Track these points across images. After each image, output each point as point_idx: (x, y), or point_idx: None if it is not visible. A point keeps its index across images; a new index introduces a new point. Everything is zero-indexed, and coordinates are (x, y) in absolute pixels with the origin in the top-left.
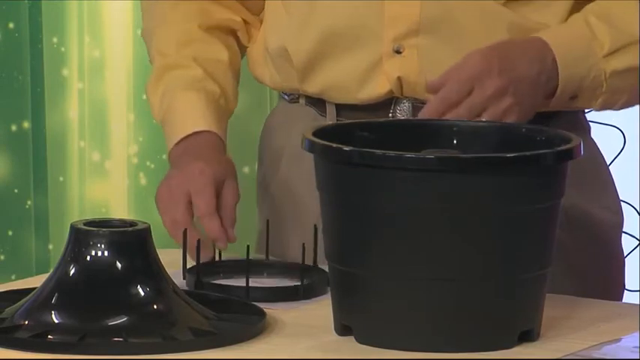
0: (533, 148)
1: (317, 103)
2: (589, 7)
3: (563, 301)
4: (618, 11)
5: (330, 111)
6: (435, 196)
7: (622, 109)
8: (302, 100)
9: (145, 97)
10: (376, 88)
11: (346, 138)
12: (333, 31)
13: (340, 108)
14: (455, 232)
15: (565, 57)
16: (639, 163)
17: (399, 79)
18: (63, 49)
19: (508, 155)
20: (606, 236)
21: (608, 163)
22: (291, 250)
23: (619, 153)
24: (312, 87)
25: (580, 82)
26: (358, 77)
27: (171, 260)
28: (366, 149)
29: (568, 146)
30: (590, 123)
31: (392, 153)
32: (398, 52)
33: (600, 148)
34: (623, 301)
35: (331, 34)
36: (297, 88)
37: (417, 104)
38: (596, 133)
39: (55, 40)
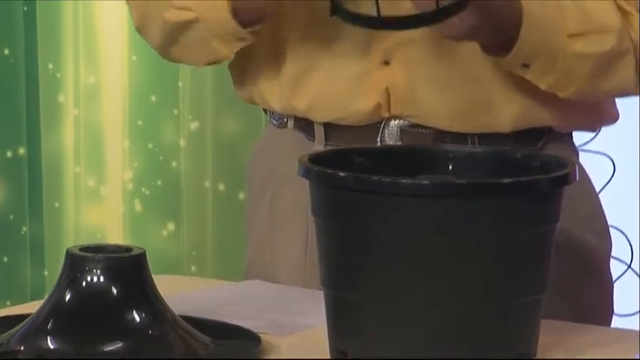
0: (529, 173)
1: (305, 126)
2: None
3: (557, 326)
4: (592, 1)
5: (319, 134)
6: (430, 221)
7: (569, 98)
8: (290, 124)
9: (140, 122)
10: (364, 102)
11: (342, 164)
12: (323, 44)
13: (329, 132)
14: (450, 257)
15: (530, 19)
16: (628, 189)
17: (386, 90)
18: (58, 75)
19: (503, 181)
20: (595, 261)
21: (597, 190)
22: (280, 273)
23: (609, 180)
24: (301, 101)
25: (537, 50)
26: (346, 89)
27: (167, 286)
28: (362, 175)
29: (563, 172)
30: (580, 150)
31: (387, 179)
32: (386, 63)
33: (590, 176)
34: (612, 325)
35: (322, 50)
36: (285, 107)
37: (406, 128)
38: (587, 161)
39: (50, 66)
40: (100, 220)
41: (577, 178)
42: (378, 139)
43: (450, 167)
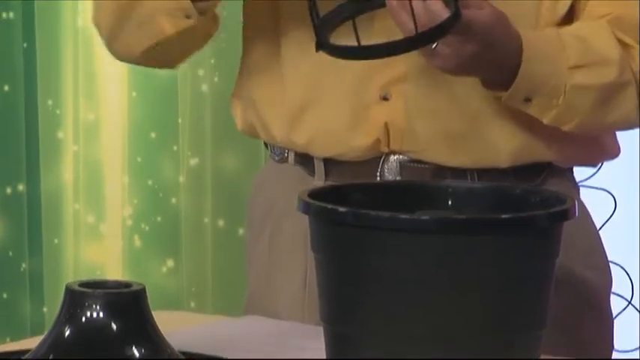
0: (528, 209)
1: (305, 161)
2: (563, 28)
3: None
4: (591, 31)
5: (319, 170)
6: (429, 257)
7: (572, 131)
8: (290, 159)
9: (139, 159)
10: (363, 137)
11: (341, 199)
12: (322, 79)
13: (329, 167)
14: (450, 292)
15: (531, 53)
16: (629, 225)
17: (385, 125)
18: (58, 111)
19: (503, 216)
20: (595, 297)
21: (598, 225)
22: (280, 308)
23: (610, 216)
24: (300, 136)
25: (538, 84)
26: (345, 124)
27: (167, 321)
28: (361, 210)
29: (563, 207)
30: (580, 186)
31: (386, 214)
32: (385, 98)
33: (592, 212)
34: None
35: (320, 84)
36: (285, 141)
37: (405, 163)
38: (588, 197)
39: (50, 102)
40: (100, 256)
41: (577, 214)
42: (378, 175)
43: (450, 202)
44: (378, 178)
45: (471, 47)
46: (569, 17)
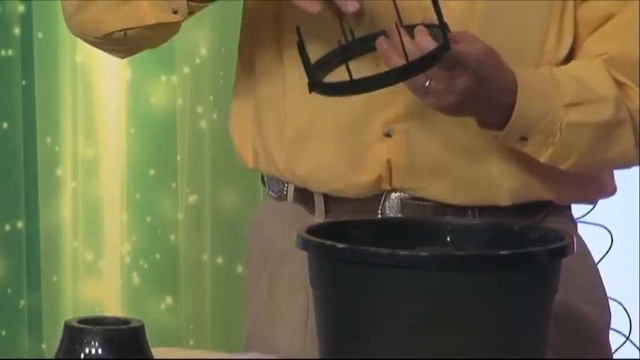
0: (527, 245)
1: (305, 198)
2: (557, 67)
3: None
4: (586, 70)
5: (319, 206)
6: (428, 293)
7: (569, 170)
8: (290, 196)
9: (138, 196)
10: (366, 174)
11: (340, 236)
12: (324, 114)
13: (329, 204)
14: (449, 328)
15: (525, 91)
16: (626, 261)
17: (388, 163)
18: (57, 148)
19: (501, 253)
20: (595, 333)
21: (595, 261)
22: (280, 345)
23: (607, 252)
24: (301, 167)
25: (534, 122)
26: (347, 159)
27: (166, 358)
28: (360, 247)
29: (561, 244)
30: (578, 222)
31: (386, 250)
32: (388, 135)
33: (588, 247)
34: None
35: (322, 117)
36: (285, 174)
37: (406, 200)
38: (585, 233)
39: (49, 139)
40: (98, 293)
41: (575, 250)
42: (379, 212)
43: (449, 239)
44: (380, 216)
45: (463, 82)
46: (569, 58)
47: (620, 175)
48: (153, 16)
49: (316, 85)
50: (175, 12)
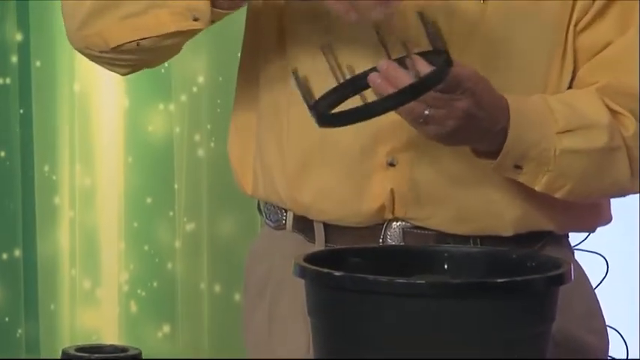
0: (524, 273)
1: (304, 227)
2: (550, 95)
3: None
4: (579, 98)
5: (319, 235)
6: (425, 321)
7: (564, 198)
8: (289, 225)
9: (135, 224)
10: (369, 203)
11: (337, 264)
12: (327, 141)
13: (329, 233)
14: (446, 356)
15: (518, 119)
16: (621, 288)
17: (392, 192)
18: (54, 177)
19: (499, 281)
20: None
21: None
22: None
23: (602, 279)
24: (303, 195)
25: (528, 150)
26: (350, 188)
27: None
28: (358, 274)
29: (558, 271)
30: (574, 250)
31: (383, 278)
32: (391, 164)
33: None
34: None
35: (326, 145)
36: (285, 201)
37: (408, 229)
38: (581, 261)
39: (46, 168)
40: (96, 321)
41: (572, 279)
42: (380, 240)
43: (446, 267)
44: (381, 244)
45: (463, 104)
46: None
47: (614, 203)
48: (172, 24)
49: (324, 120)
50: (196, 19)
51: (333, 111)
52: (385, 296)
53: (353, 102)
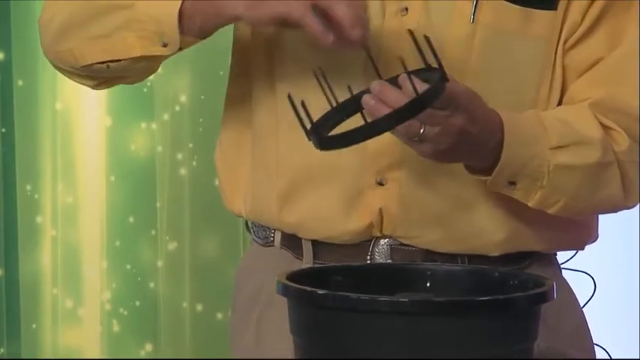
0: (507, 291)
1: (292, 244)
2: (542, 112)
3: None
4: (571, 113)
5: (307, 252)
6: (408, 339)
7: (558, 214)
8: (277, 242)
9: (118, 243)
10: (357, 221)
11: (321, 282)
12: (317, 162)
13: (317, 250)
14: None
15: (512, 135)
16: (608, 307)
17: (380, 211)
18: (36, 196)
19: (481, 299)
20: None
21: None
22: None
23: (589, 299)
24: (291, 216)
25: (522, 167)
26: (339, 207)
27: None
28: (340, 293)
29: (541, 290)
30: (562, 269)
31: (366, 296)
32: (380, 183)
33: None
34: None
35: (315, 165)
36: (274, 221)
37: (396, 246)
38: (568, 279)
39: (28, 187)
40: (78, 340)
41: (555, 297)
42: (368, 257)
43: (429, 285)
44: (369, 261)
45: (458, 121)
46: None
47: (601, 221)
48: (140, 48)
49: (324, 143)
50: (165, 45)
51: (331, 133)
52: (368, 314)
53: (347, 124)
